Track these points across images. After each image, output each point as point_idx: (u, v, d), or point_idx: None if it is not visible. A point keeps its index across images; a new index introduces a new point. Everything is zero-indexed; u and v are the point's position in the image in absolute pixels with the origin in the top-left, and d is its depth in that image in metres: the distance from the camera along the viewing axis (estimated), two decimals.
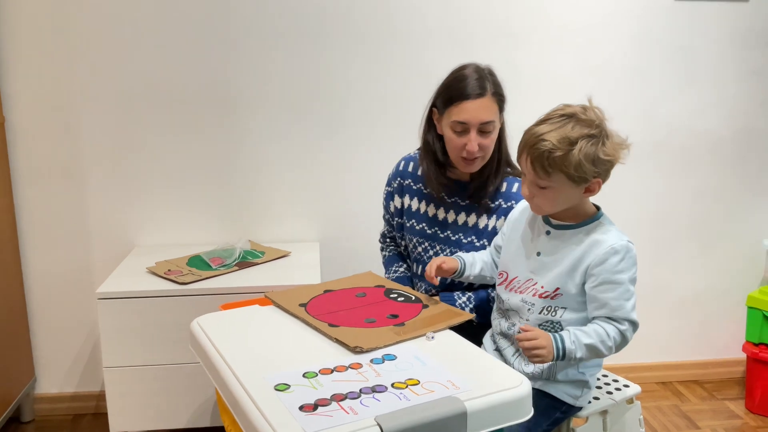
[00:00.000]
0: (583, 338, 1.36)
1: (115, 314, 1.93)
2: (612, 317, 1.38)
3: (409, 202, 1.85)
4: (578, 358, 1.37)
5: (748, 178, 2.61)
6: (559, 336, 1.36)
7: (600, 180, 1.38)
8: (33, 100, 2.24)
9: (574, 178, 1.34)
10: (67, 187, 2.31)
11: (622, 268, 1.37)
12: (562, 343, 1.35)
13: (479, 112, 1.60)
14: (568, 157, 1.32)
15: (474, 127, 1.61)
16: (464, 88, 1.62)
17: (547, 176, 1.35)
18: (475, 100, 1.60)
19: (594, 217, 1.45)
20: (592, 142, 1.33)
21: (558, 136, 1.32)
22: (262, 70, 2.31)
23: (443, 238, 1.79)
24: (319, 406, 1.10)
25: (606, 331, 1.37)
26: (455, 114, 1.62)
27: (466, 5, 2.34)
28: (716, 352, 2.75)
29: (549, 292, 1.43)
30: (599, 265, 1.38)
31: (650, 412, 2.48)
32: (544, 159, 1.33)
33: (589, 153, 1.32)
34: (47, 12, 2.19)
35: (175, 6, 2.23)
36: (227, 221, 2.41)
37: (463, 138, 1.63)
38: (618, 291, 1.37)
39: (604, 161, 1.35)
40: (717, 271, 2.67)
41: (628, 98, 2.48)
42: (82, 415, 2.45)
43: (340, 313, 1.50)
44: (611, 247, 1.37)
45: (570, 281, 1.41)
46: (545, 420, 1.47)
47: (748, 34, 2.48)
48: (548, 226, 1.47)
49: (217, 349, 1.34)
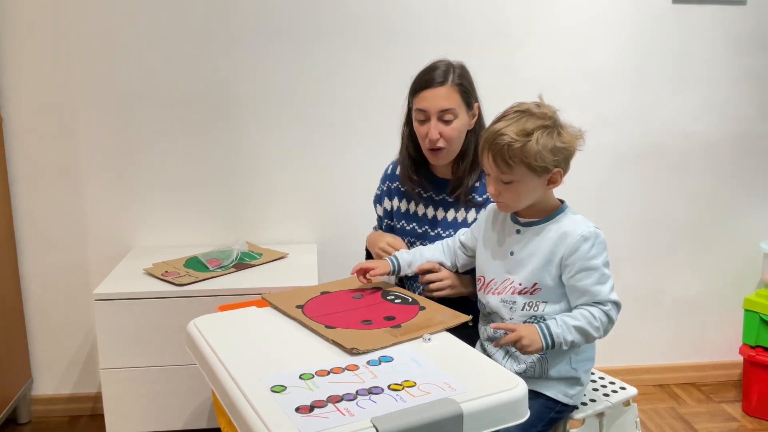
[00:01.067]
0: (570, 321, 1.40)
1: (112, 316, 1.92)
2: (594, 302, 1.42)
3: (398, 204, 1.88)
4: (570, 342, 1.40)
5: (745, 181, 2.61)
6: (544, 324, 1.40)
7: (561, 170, 1.43)
8: (31, 100, 2.24)
9: (536, 169, 1.40)
10: (65, 188, 2.31)
11: (594, 254, 1.42)
12: (548, 329, 1.39)
13: (437, 100, 1.66)
14: (526, 148, 1.38)
15: (434, 114, 1.67)
16: (428, 78, 1.69)
17: (510, 169, 1.40)
18: (435, 88, 1.67)
19: (559, 209, 1.49)
20: (548, 131, 1.40)
21: (515, 129, 1.39)
22: (260, 72, 2.31)
23: (434, 235, 1.81)
24: (316, 408, 1.10)
25: (591, 314, 1.41)
26: (417, 102, 1.70)
27: (463, 8, 2.34)
28: (713, 355, 2.75)
29: (528, 288, 1.46)
30: (572, 254, 1.42)
31: (647, 414, 2.48)
32: (504, 152, 1.39)
33: (546, 143, 1.39)
34: (46, 12, 2.19)
35: (173, 8, 2.23)
36: (224, 223, 2.41)
37: (425, 126, 1.69)
38: (594, 276, 1.41)
39: (562, 149, 1.41)
40: (714, 274, 2.68)
41: (624, 101, 2.48)
42: (79, 416, 2.44)
43: (337, 314, 1.50)
44: (581, 236, 1.42)
45: (546, 274, 1.45)
46: (540, 421, 1.47)
47: (745, 38, 2.49)
48: (517, 225, 1.51)
49: (214, 351, 1.34)
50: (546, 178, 1.43)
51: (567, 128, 1.43)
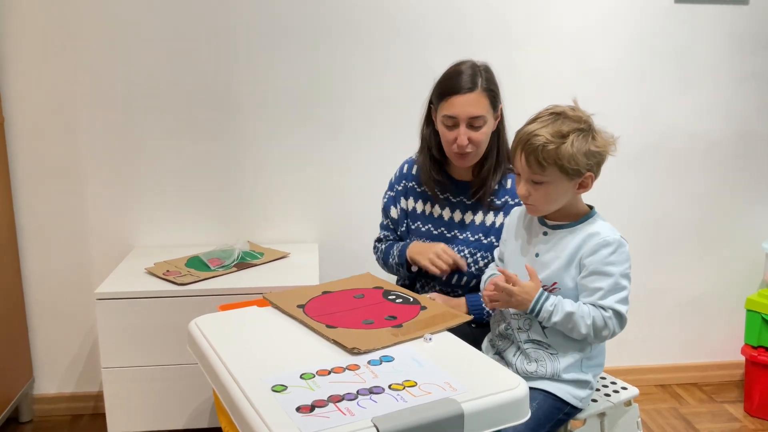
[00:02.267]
0: (567, 306, 1.41)
1: (113, 315, 1.93)
2: (597, 304, 1.41)
3: (414, 204, 1.86)
4: (554, 323, 1.41)
5: (747, 181, 2.61)
6: (545, 294, 1.42)
7: (592, 174, 1.43)
8: (33, 100, 2.24)
9: (568, 171, 1.39)
10: (67, 187, 2.31)
11: (613, 261, 1.41)
12: (545, 299, 1.41)
13: (468, 107, 1.65)
14: (561, 150, 1.37)
15: (463, 121, 1.65)
16: (456, 83, 1.66)
17: (542, 170, 1.39)
18: (465, 94, 1.65)
19: (588, 215, 1.49)
20: (583, 135, 1.40)
21: (551, 131, 1.39)
22: (262, 72, 2.31)
23: (450, 237, 1.80)
24: (316, 408, 1.10)
25: (588, 310, 1.41)
26: (445, 108, 1.67)
27: (466, 7, 2.34)
28: (715, 355, 2.74)
29: (547, 286, 1.47)
30: (590, 255, 1.42)
31: (648, 414, 2.48)
32: (538, 152, 1.38)
33: (580, 146, 1.39)
34: (48, 13, 2.19)
35: (174, 8, 2.23)
36: (226, 222, 2.41)
37: (454, 132, 1.67)
38: (607, 282, 1.41)
39: (596, 153, 1.41)
40: (716, 274, 2.67)
41: (626, 101, 2.48)
42: (81, 415, 2.45)
43: (338, 314, 1.50)
44: (603, 239, 1.42)
45: (566, 275, 1.45)
46: (549, 421, 1.47)
47: (747, 37, 2.48)
48: (545, 227, 1.51)
49: (215, 350, 1.34)
50: (577, 182, 1.43)
51: (601, 133, 1.43)
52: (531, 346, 1.50)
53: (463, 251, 1.77)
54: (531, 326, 1.50)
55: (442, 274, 1.70)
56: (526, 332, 1.51)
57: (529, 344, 1.50)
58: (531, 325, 1.50)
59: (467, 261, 1.76)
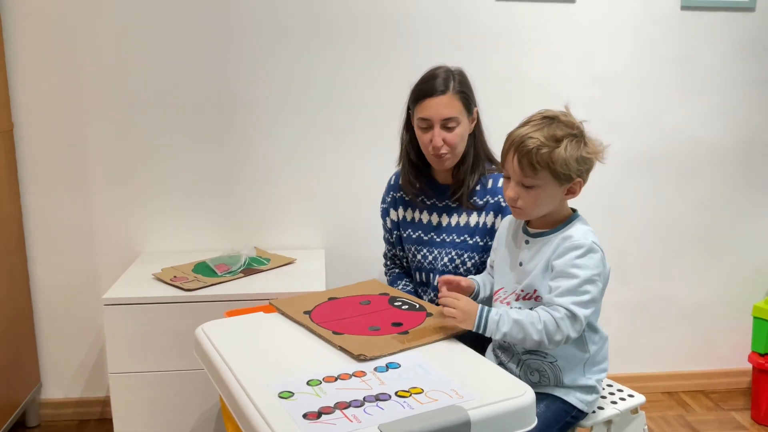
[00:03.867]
0: (513, 314, 1.38)
1: (120, 320, 1.93)
2: (550, 302, 1.38)
3: (404, 213, 1.91)
4: (504, 333, 1.37)
5: (753, 188, 2.60)
6: (486, 308, 1.39)
7: (581, 180, 1.43)
8: (41, 107, 2.26)
9: (560, 176, 1.39)
10: (74, 193, 2.33)
11: (579, 264, 1.37)
12: (487, 313, 1.38)
13: (440, 108, 1.69)
14: (554, 154, 1.37)
15: (437, 122, 1.70)
16: (429, 86, 1.71)
17: (534, 174, 1.39)
18: (438, 97, 1.69)
19: (569, 219, 1.48)
20: (576, 140, 1.40)
21: (545, 134, 1.38)
22: (270, 77, 2.32)
23: (439, 242, 1.83)
24: (323, 414, 1.11)
25: (538, 315, 1.36)
26: (420, 111, 1.72)
27: (471, 14, 2.35)
28: (722, 363, 2.73)
29: (529, 293, 1.46)
30: (558, 258, 1.40)
31: (655, 422, 2.47)
32: (532, 155, 1.38)
33: (573, 152, 1.39)
34: (56, 20, 2.21)
35: (182, 13, 2.25)
36: (233, 228, 2.42)
37: (429, 134, 1.72)
38: (569, 282, 1.36)
39: (587, 160, 1.41)
40: (722, 281, 2.66)
41: (632, 107, 2.48)
42: (87, 420, 2.45)
43: (345, 320, 1.51)
44: (573, 243, 1.40)
45: (543, 281, 1.44)
46: (557, 423, 1.47)
47: (753, 44, 2.48)
48: (526, 236, 1.51)
49: (222, 356, 1.34)
50: (566, 188, 1.42)
51: (592, 140, 1.44)
52: (530, 356, 1.49)
53: (450, 253, 1.80)
54: None
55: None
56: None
57: (528, 355, 1.49)
58: None
59: (455, 263, 1.79)
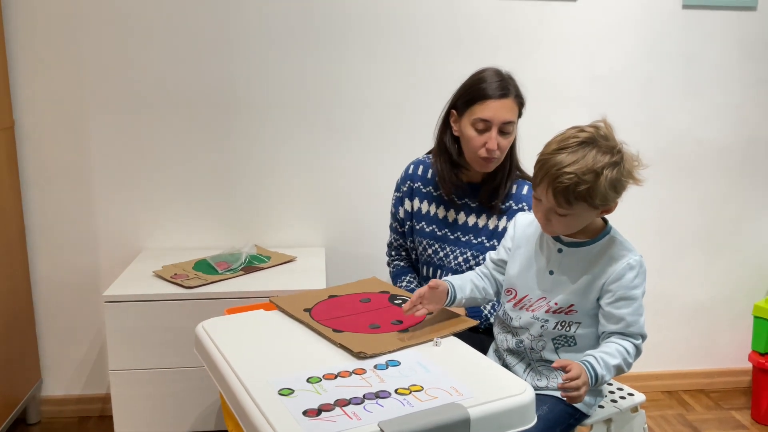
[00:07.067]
0: (610, 360, 1.36)
1: (121, 317, 1.94)
2: (627, 333, 1.40)
3: (419, 205, 1.87)
4: (606, 381, 1.38)
5: (755, 187, 2.60)
6: (589, 365, 1.34)
7: (617, 199, 1.38)
8: (43, 104, 2.26)
9: (597, 206, 1.35)
10: (75, 190, 2.33)
11: (637, 284, 1.40)
12: (594, 371, 1.34)
13: (502, 112, 1.67)
14: (593, 189, 1.30)
15: (496, 125, 1.67)
16: (488, 88, 1.68)
17: (569, 206, 1.33)
18: (499, 99, 1.67)
19: (604, 231, 1.45)
20: (616, 169, 1.32)
21: (582, 169, 1.29)
22: (271, 75, 2.32)
23: (453, 239, 1.81)
24: (323, 411, 1.11)
25: (626, 349, 1.39)
26: (479, 111, 1.67)
27: (474, 13, 2.34)
28: (722, 362, 2.73)
29: (563, 308, 1.44)
30: (616, 281, 1.39)
31: (655, 421, 2.47)
32: (569, 193, 1.30)
33: (612, 181, 1.31)
34: (57, 18, 2.21)
35: (183, 12, 2.25)
36: (234, 226, 2.42)
37: (484, 136, 1.68)
38: (633, 306, 1.40)
39: (625, 184, 1.36)
40: (723, 281, 2.66)
41: (633, 106, 2.48)
42: (88, 417, 2.46)
43: (345, 318, 1.51)
44: (627, 264, 1.39)
45: (584, 298, 1.42)
46: (559, 424, 1.46)
47: (755, 43, 2.48)
48: (560, 244, 1.46)
49: (222, 354, 1.35)
50: (601, 209, 1.38)
51: (630, 158, 1.36)
52: (543, 364, 1.49)
53: (465, 253, 1.79)
54: (545, 347, 1.48)
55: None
56: (540, 352, 1.48)
57: (541, 362, 1.49)
58: (545, 346, 1.48)
59: (470, 264, 1.78)
